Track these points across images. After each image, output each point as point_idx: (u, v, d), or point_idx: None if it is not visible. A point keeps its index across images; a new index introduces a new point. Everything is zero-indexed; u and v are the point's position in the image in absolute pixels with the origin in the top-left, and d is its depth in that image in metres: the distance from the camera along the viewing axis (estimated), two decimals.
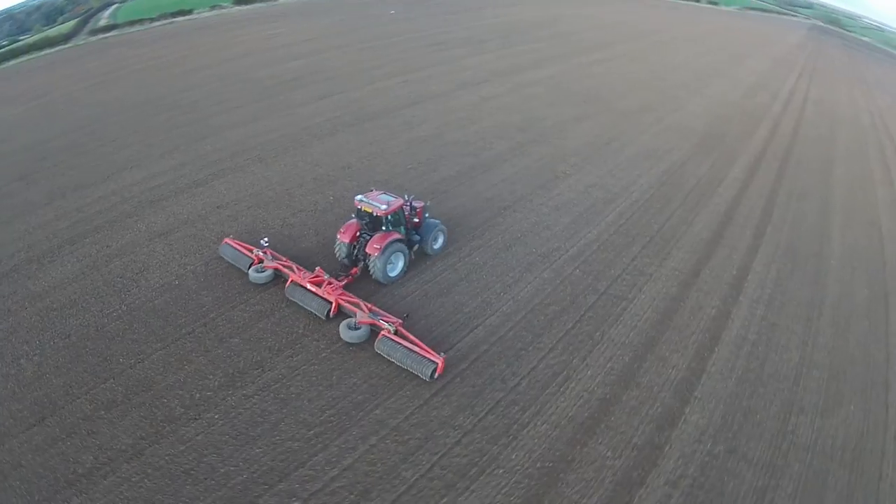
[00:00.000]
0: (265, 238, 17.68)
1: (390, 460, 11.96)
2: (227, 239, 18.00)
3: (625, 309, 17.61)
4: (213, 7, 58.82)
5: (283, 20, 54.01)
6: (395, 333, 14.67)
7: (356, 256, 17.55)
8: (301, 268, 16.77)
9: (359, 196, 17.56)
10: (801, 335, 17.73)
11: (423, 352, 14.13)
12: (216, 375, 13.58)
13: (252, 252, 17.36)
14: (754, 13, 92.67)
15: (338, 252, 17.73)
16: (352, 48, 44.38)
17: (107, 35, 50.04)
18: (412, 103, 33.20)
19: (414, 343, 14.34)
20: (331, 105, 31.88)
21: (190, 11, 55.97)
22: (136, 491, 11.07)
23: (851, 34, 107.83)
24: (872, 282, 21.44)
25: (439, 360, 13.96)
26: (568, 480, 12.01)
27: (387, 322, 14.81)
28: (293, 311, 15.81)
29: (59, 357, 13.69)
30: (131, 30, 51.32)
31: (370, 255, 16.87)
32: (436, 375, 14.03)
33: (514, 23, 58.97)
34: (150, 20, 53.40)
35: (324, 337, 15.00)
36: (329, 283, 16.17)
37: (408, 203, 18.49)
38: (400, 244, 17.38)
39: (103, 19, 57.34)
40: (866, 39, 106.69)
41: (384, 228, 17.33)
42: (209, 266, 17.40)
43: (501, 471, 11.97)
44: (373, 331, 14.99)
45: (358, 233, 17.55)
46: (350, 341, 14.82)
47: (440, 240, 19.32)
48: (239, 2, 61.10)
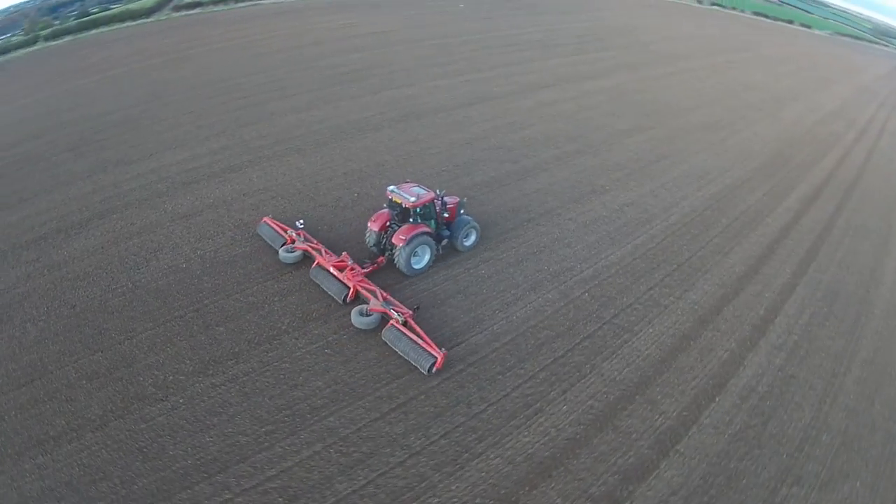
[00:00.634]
0: (300, 220, 18.73)
1: (329, 470, 11.95)
2: (266, 218, 19.15)
3: (626, 342, 16.38)
4: None
5: (362, 11, 54.99)
6: (404, 324, 15.04)
7: (384, 246, 18.10)
8: (329, 252, 17.68)
9: (391, 187, 18.22)
10: (821, 392, 15.68)
11: (426, 345, 14.39)
12: (192, 361, 14.20)
13: (286, 232, 18.37)
14: (846, 39, 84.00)
15: (368, 239, 18.40)
16: (422, 44, 44.43)
17: (190, 12, 51.64)
18: (467, 104, 32.76)
19: (420, 336, 14.69)
20: (384, 100, 32.16)
21: None
22: (93, 459, 11.87)
23: None
24: None
25: (439, 355, 14.17)
26: None
27: (397, 312, 15.24)
28: (282, 307, 16.19)
29: (61, 325, 14.93)
30: (215, 9, 52.91)
31: (395, 246, 17.34)
32: (434, 370, 14.22)
33: (595, 29, 56.81)
34: (235, 0, 54.55)
35: (304, 336, 15.23)
36: (351, 269, 16.86)
37: (439, 198, 18.64)
38: (427, 237, 17.78)
39: None
40: None
41: (411, 220, 17.67)
42: (218, 252, 18.18)
43: (436, 501, 11.57)
44: (384, 319, 15.36)
45: (388, 222, 18.12)
46: (360, 327, 15.36)
47: (472, 237, 19.53)
48: None
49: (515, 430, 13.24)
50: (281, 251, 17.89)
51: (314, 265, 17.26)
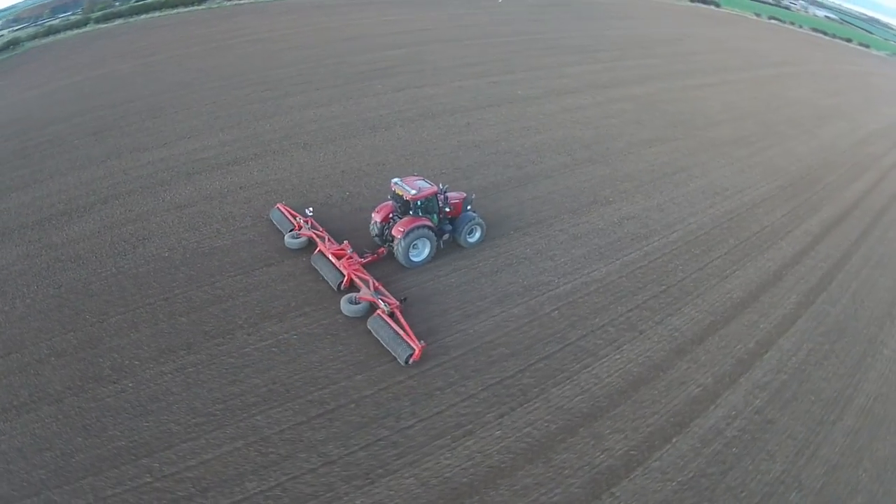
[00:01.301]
0: (310, 208, 19.63)
1: (244, 467, 12.37)
2: (279, 204, 20.32)
3: (586, 367, 15.68)
4: None
5: (414, 7, 55.08)
6: (391, 315, 15.66)
7: (386, 237, 18.63)
8: (332, 240, 18.60)
9: (395, 179, 18.77)
10: (801, 442, 14.27)
11: (406, 337, 14.97)
12: (150, 348, 15.06)
13: (295, 219, 19.45)
14: None
15: (371, 229, 19.10)
16: (461, 43, 44.06)
17: (241, 2, 52.97)
18: (487, 105, 32.28)
19: (403, 327, 15.29)
20: (403, 98, 32.25)
21: None
22: (44, 430, 12.89)
23: None
24: None
25: (417, 347, 14.72)
26: None
27: (384, 302, 15.90)
28: (244, 302, 16.74)
29: (45, 304, 16.26)
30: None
31: (395, 237, 17.88)
32: (411, 361, 14.79)
33: (640, 36, 54.25)
34: None
35: (256, 333, 15.72)
36: (349, 258, 17.60)
37: (442, 193, 18.91)
38: (427, 231, 18.22)
39: None
40: None
41: (411, 213, 18.20)
42: (200, 244, 19.05)
43: None
44: (372, 308, 16.07)
45: (391, 214, 18.67)
46: (348, 314, 16.16)
47: (477, 234, 19.90)
48: None
49: (438, 451, 13.03)
50: (287, 237, 18.89)
51: (315, 251, 18.23)
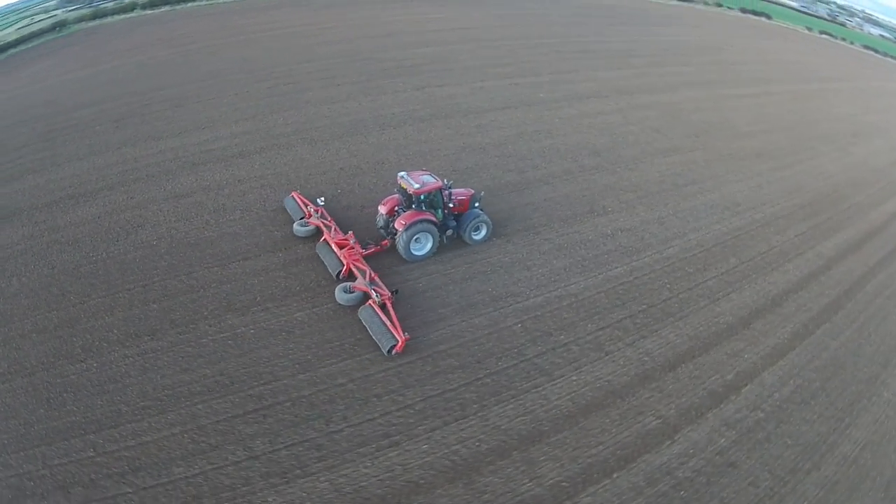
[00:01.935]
0: (321, 198, 20.49)
1: (175, 453, 13.01)
2: (294, 193, 21.30)
3: (536, 387, 15.24)
4: None
5: (455, 6, 54.67)
6: (382, 306, 16.22)
7: (390, 229, 19.22)
8: (338, 230, 19.36)
9: (401, 172, 19.27)
10: (764, 491, 13.18)
11: (392, 328, 15.53)
12: (119, 331, 16.07)
13: (307, 208, 20.36)
14: None
15: (377, 221, 19.77)
16: (494, 43, 43.49)
17: None
18: (502, 107, 31.75)
19: (392, 319, 15.82)
20: (420, 97, 32.26)
21: None
22: (13, 400, 14.13)
23: None
24: None
25: (400, 339, 15.22)
26: None
27: (376, 293, 16.48)
28: (214, 293, 17.45)
29: (37, 283, 17.69)
30: None
31: (397, 230, 18.41)
32: (394, 352, 15.28)
33: (680, 43, 51.80)
34: None
35: (217, 324, 16.40)
36: (351, 248, 18.28)
37: (447, 188, 19.22)
38: (429, 225, 18.68)
39: None
40: None
41: (414, 207, 18.63)
42: (188, 234, 19.99)
43: None
44: (366, 298, 16.74)
45: (396, 207, 19.16)
46: (342, 303, 16.88)
47: (482, 232, 20.17)
48: None
49: (359, 459, 13.12)
50: (296, 224, 19.88)
51: (321, 240, 19.04)
